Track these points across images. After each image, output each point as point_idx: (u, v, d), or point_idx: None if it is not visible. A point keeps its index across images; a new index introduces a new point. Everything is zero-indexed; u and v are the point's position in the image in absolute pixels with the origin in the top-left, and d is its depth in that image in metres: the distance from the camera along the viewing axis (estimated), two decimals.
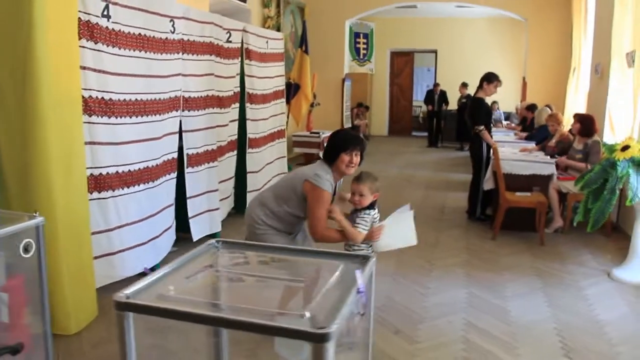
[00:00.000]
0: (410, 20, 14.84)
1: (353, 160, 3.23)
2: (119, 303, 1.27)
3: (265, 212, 3.28)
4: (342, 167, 3.23)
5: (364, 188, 3.20)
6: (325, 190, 3.13)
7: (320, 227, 3.12)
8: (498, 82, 6.21)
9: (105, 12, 3.67)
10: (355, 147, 3.22)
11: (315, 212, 3.12)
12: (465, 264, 4.94)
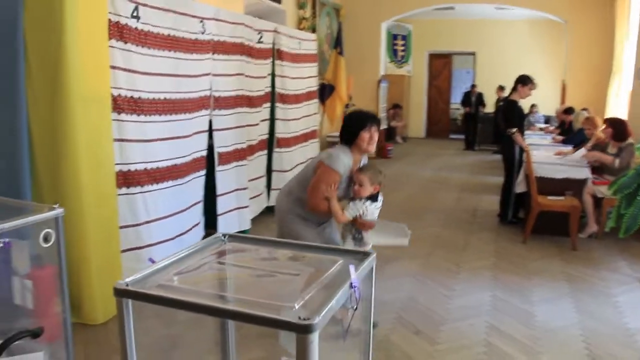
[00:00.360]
0: (448, 22, 14.70)
1: (373, 136, 3.27)
2: (118, 290, 1.32)
3: (292, 200, 3.36)
4: (363, 146, 3.26)
5: (364, 178, 3.23)
6: (334, 170, 3.18)
7: (317, 198, 3.18)
8: (532, 85, 6.13)
9: (134, 13, 3.77)
10: (372, 124, 3.26)
11: (315, 184, 3.20)
12: (493, 267, 4.88)
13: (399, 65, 14.91)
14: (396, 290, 4.30)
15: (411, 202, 7.47)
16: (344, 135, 3.35)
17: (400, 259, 5.07)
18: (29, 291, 2.39)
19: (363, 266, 1.52)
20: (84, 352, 3.27)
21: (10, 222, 2.12)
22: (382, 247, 3.49)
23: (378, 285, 4.33)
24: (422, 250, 5.35)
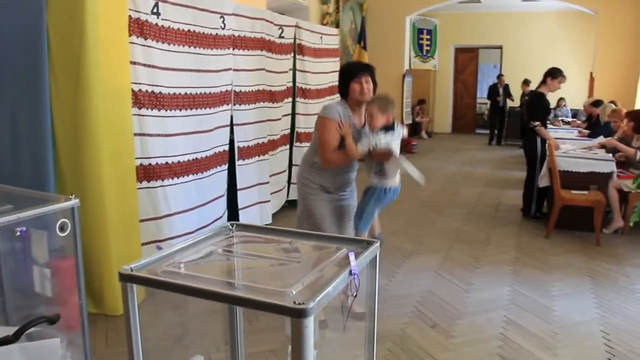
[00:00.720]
0: (474, 15, 14.54)
1: (364, 86, 3.22)
2: (123, 275, 1.36)
3: (307, 168, 3.39)
4: (355, 96, 3.24)
5: (373, 108, 3.19)
6: (330, 118, 3.19)
7: (327, 152, 3.19)
8: (562, 78, 6.05)
9: (155, 9, 3.82)
10: (362, 73, 3.23)
11: (321, 138, 3.22)
12: (513, 261, 4.83)
13: (425, 60, 14.83)
14: (415, 284, 4.30)
15: (434, 197, 7.43)
16: (339, 90, 3.38)
17: (420, 253, 5.06)
18: (48, 280, 2.45)
19: (365, 254, 1.54)
20: (105, 341, 3.35)
21: (26, 212, 2.18)
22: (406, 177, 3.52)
23: (397, 279, 4.36)
24: (443, 244, 5.33)
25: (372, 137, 3.17)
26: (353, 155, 3.20)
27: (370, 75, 3.30)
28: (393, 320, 3.63)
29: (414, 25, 13.95)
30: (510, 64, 14.57)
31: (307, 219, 3.40)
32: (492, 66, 16.55)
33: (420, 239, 5.50)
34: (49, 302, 2.60)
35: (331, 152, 3.19)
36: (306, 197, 3.39)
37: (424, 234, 5.69)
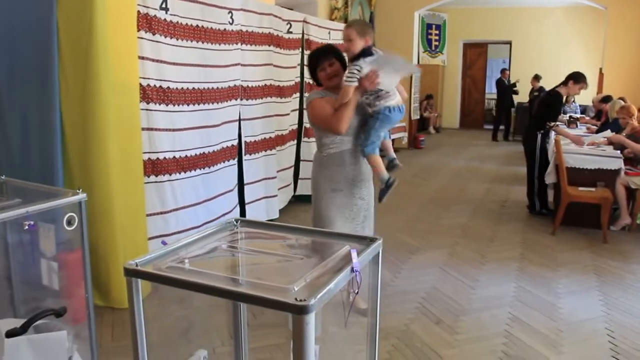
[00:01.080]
0: (483, 10, 14.48)
1: (329, 72, 3.15)
2: (128, 269, 1.38)
3: (317, 167, 3.30)
4: (326, 83, 3.19)
5: (352, 32, 3.00)
6: (314, 99, 3.15)
7: (333, 120, 3.05)
8: (585, 85, 6.02)
9: (163, 4, 3.84)
10: (324, 60, 3.16)
11: (316, 116, 3.16)
12: (519, 258, 4.83)
13: (433, 55, 14.79)
14: (420, 280, 4.31)
15: (441, 193, 7.44)
16: (315, 82, 3.35)
17: (426, 249, 5.07)
18: (55, 273, 2.48)
19: (367, 251, 1.55)
20: (111, 333, 3.39)
21: (34, 206, 2.21)
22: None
23: (402, 275, 4.37)
24: (449, 240, 5.33)
25: (353, 69, 2.96)
26: (347, 93, 2.98)
27: (334, 55, 3.19)
28: (397, 316, 3.65)
29: (423, 20, 13.91)
30: (520, 60, 14.50)
31: (316, 221, 3.30)
32: (501, 61, 16.47)
33: (425, 235, 5.50)
34: (56, 294, 2.63)
35: (332, 115, 3.06)
36: (316, 199, 3.31)
37: (430, 230, 5.69)
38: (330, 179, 3.24)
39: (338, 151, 3.19)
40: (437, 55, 14.82)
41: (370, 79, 2.94)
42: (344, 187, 3.25)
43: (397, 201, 6.89)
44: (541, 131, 6.08)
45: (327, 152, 3.22)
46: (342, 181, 3.24)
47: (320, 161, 3.29)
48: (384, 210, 6.36)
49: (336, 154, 3.20)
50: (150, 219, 3.93)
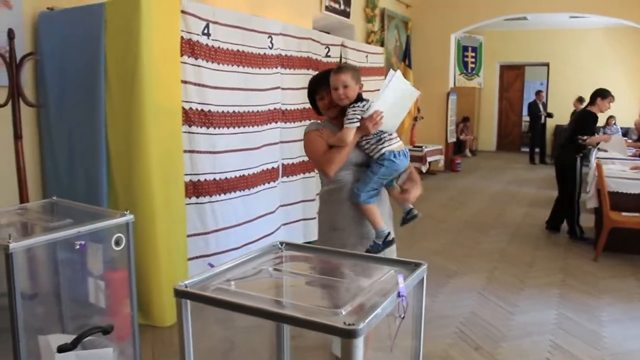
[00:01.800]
0: (520, 32, 14.40)
1: (327, 100, 2.76)
2: (178, 291, 1.41)
3: (320, 196, 2.92)
4: (326, 113, 2.81)
5: (347, 77, 2.66)
6: (310, 132, 2.79)
7: (323, 160, 2.69)
8: (612, 98, 6.02)
9: (205, 30, 3.94)
10: (322, 87, 2.77)
11: (313, 155, 2.79)
12: (560, 284, 4.74)
13: (470, 77, 14.74)
14: (458, 304, 4.26)
15: (478, 217, 7.36)
16: (315, 110, 2.96)
17: (464, 273, 5.02)
18: (102, 291, 2.55)
19: (413, 276, 1.56)
20: (152, 351, 3.44)
21: (85, 226, 2.28)
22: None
23: (440, 300, 4.33)
24: (487, 265, 5.27)
25: (357, 109, 2.67)
26: (346, 137, 2.64)
27: (330, 82, 2.76)
28: (436, 341, 3.61)
29: (459, 42, 13.90)
30: (557, 81, 14.34)
31: None
32: (538, 83, 16.32)
33: (463, 259, 5.45)
34: (102, 312, 2.69)
35: (323, 155, 2.70)
36: (318, 236, 2.93)
37: (468, 254, 5.63)
38: (330, 217, 2.84)
39: (338, 187, 2.78)
40: (473, 77, 14.76)
41: (373, 119, 2.62)
42: (346, 226, 2.79)
43: (435, 225, 6.85)
44: (580, 154, 6.03)
45: (328, 187, 2.83)
46: (342, 219, 2.79)
47: (321, 197, 2.92)
48: (420, 234, 6.34)
49: (336, 190, 2.78)
50: (191, 240, 3.99)
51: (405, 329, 1.57)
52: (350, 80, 2.64)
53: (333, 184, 2.79)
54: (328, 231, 2.84)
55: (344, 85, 2.64)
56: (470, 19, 11.54)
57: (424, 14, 11.62)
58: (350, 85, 2.64)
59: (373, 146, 2.75)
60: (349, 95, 2.66)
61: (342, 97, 2.65)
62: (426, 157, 10.41)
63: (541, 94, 13.33)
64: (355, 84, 2.68)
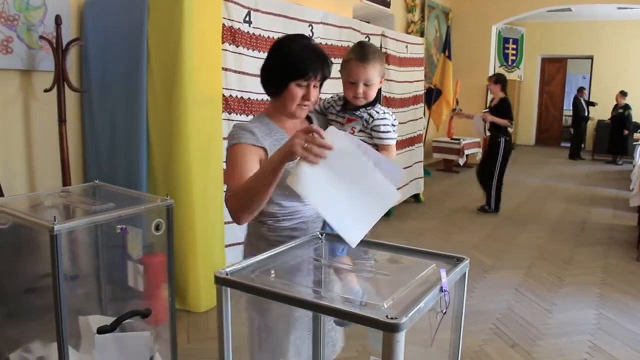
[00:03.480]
0: (564, 24, 14.04)
1: (310, 95, 1.88)
2: (218, 278, 1.42)
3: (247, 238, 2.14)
4: (290, 107, 1.89)
5: (374, 72, 1.92)
6: (236, 144, 1.85)
7: (229, 193, 1.80)
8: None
9: (247, 18, 3.95)
10: (316, 72, 1.85)
11: (226, 177, 1.92)
12: (600, 283, 4.64)
13: (510, 70, 14.46)
14: (495, 300, 4.21)
15: (516, 211, 7.24)
16: (265, 80, 1.96)
17: (500, 268, 4.95)
18: (140, 275, 2.58)
19: (455, 271, 1.53)
20: (187, 336, 3.49)
21: (127, 210, 2.31)
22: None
23: (476, 295, 4.28)
24: (524, 261, 5.18)
25: (385, 121, 1.98)
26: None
27: (323, 77, 1.91)
28: (471, 336, 3.57)
29: (500, 34, 13.64)
30: (601, 75, 13.95)
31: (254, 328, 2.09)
32: (580, 77, 15.93)
33: (500, 254, 5.37)
34: (139, 296, 2.73)
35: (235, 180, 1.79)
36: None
37: (505, 249, 5.55)
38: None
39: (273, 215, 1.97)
40: (513, 69, 14.47)
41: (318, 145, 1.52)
42: None
43: (471, 218, 6.77)
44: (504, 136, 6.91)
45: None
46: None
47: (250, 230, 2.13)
48: (458, 228, 6.27)
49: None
50: (228, 227, 4.02)
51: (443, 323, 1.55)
52: (377, 76, 1.94)
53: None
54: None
55: (367, 82, 1.92)
56: (512, 10, 11.31)
57: (465, 4, 11.44)
58: (375, 83, 1.94)
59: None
60: (369, 96, 1.95)
61: (360, 97, 1.93)
62: (464, 149, 10.28)
63: (583, 91, 12.99)
64: (380, 81, 1.98)
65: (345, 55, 2.00)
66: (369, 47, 1.97)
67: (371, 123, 1.97)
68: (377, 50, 1.98)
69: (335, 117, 2.09)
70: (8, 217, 2.41)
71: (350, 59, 1.96)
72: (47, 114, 3.80)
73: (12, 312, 2.71)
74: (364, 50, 1.95)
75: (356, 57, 1.94)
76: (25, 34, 3.64)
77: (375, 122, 1.96)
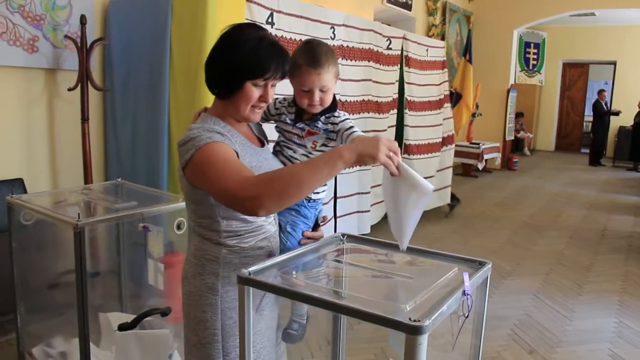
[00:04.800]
0: (586, 29, 13.89)
1: (268, 96, 1.67)
2: (241, 278, 1.42)
3: (192, 249, 1.75)
4: (243, 109, 1.66)
5: (329, 77, 1.72)
6: (210, 143, 1.56)
7: (240, 180, 1.49)
8: None
9: (269, 19, 3.96)
10: (277, 71, 1.63)
11: (216, 182, 1.53)
12: (620, 291, 4.58)
13: (531, 75, 14.35)
14: (513, 306, 4.18)
15: (535, 218, 7.18)
16: (214, 80, 1.73)
17: (519, 274, 4.91)
18: (161, 273, 2.61)
19: (477, 275, 1.53)
20: None
21: (150, 208, 2.33)
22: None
23: (494, 300, 4.25)
24: (543, 267, 5.14)
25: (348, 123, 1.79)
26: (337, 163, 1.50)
27: (283, 74, 1.68)
28: (489, 341, 3.55)
29: (521, 38, 13.54)
30: (624, 81, 13.76)
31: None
32: (602, 82, 15.76)
33: (519, 260, 5.33)
34: (159, 294, 2.76)
35: (238, 177, 1.51)
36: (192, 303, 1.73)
37: (523, 255, 5.51)
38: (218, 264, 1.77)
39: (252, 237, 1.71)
40: (534, 74, 14.36)
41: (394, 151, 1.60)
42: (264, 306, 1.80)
43: (490, 223, 6.73)
44: None
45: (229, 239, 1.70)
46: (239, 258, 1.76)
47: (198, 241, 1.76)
48: (476, 233, 6.24)
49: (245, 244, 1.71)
50: None
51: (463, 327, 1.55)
52: (332, 80, 1.73)
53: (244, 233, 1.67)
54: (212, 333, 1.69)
55: (323, 89, 1.72)
56: (534, 15, 11.22)
57: (486, 8, 11.37)
58: (331, 87, 1.74)
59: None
60: (326, 102, 1.75)
61: (317, 104, 1.73)
62: (483, 154, 10.21)
63: (603, 93, 12.81)
64: (335, 83, 1.77)
65: (292, 57, 1.71)
66: (319, 49, 1.72)
67: (336, 129, 1.78)
68: (328, 50, 1.73)
69: (291, 127, 1.82)
70: (33, 213, 2.45)
71: (300, 64, 1.70)
72: (70, 112, 3.85)
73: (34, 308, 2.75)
74: (315, 53, 1.70)
75: (307, 62, 1.69)
76: (51, 33, 3.70)
77: (339, 125, 1.78)
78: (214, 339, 1.67)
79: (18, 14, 3.50)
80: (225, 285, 1.66)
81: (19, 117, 3.67)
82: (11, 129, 3.65)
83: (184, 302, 1.75)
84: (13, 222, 2.60)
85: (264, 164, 1.70)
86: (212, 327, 1.67)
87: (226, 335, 1.67)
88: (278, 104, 1.87)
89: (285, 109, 1.85)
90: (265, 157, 1.75)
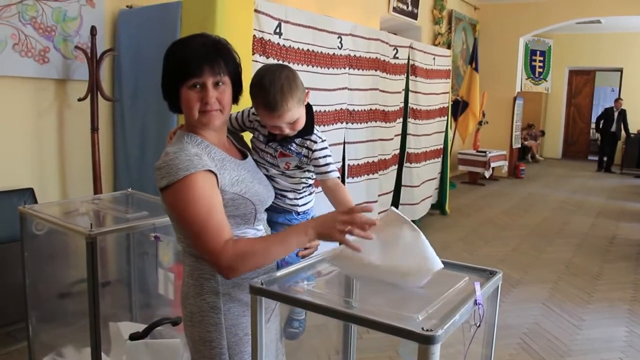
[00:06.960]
0: (592, 36, 13.89)
1: (209, 96, 1.55)
2: (253, 287, 1.43)
3: (187, 272, 1.70)
4: (192, 116, 1.58)
5: (292, 109, 1.64)
6: (189, 175, 1.49)
7: (219, 246, 1.47)
8: None
9: (277, 29, 3.99)
10: (205, 67, 1.54)
11: (196, 233, 1.50)
12: (631, 300, 4.56)
13: (537, 82, 14.36)
14: (522, 314, 4.16)
15: (543, 225, 7.16)
16: (164, 96, 1.66)
17: (527, 283, 4.90)
18: (171, 283, 2.61)
19: (488, 284, 1.53)
20: None
21: (161, 218, 2.35)
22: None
23: (503, 309, 4.24)
24: (552, 275, 5.12)
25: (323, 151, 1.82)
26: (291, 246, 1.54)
27: (235, 70, 1.66)
28: (498, 350, 3.53)
29: (527, 46, 13.57)
30: (632, 88, 13.73)
31: None
32: (609, 90, 15.74)
33: (527, 268, 5.32)
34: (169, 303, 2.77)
35: (230, 243, 1.49)
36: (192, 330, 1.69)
37: (531, 264, 5.49)
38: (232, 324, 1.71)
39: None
40: (540, 82, 14.37)
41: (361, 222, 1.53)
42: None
43: (497, 232, 6.72)
44: None
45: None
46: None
47: (191, 268, 1.70)
48: (484, 241, 6.23)
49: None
50: None
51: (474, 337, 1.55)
52: (297, 110, 1.66)
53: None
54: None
55: (289, 122, 1.67)
56: (541, 22, 11.24)
57: (492, 16, 11.40)
58: (298, 116, 1.68)
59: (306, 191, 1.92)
60: (297, 128, 1.72)
61: (288, 132, 1.71)
62: (490, 162, 10.21)
63: (619, 102, 12.70)
64: (302, 107, 1.70)
65: (250, 93, 1.67)
66: (272, 89, 1.60)
67: (310, 156, 1.76)
68: (283, 83, 1.61)
69: (264, 146, 1.79)
70: (45, 223, 2.47)
71: (258, 105, 1.66)
72: (80, 123, 3.88)
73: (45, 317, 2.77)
74: (269, 96, 1.60)
75: (264, 106, 1.63)
76: (62, 44, 3.74)
77: (314, 154, 1.76)
78: (221, 358, 1.65)
79: (30, 26, 3.54)
80: (227, 303, 1.63)
81: (29, 127, 3.71)
82: (22, 139, 3.68)
83: (186, 324, 1.71)
84: (25, 231, 2.62)
85: (246, 177, 1.66)
86: (218, 346, 1.64)
87: (232, 353, 1.65)
88: (252, 116, 1.82)
89: (258, 124, 1.80)
90: (247, 169, 1.70)
